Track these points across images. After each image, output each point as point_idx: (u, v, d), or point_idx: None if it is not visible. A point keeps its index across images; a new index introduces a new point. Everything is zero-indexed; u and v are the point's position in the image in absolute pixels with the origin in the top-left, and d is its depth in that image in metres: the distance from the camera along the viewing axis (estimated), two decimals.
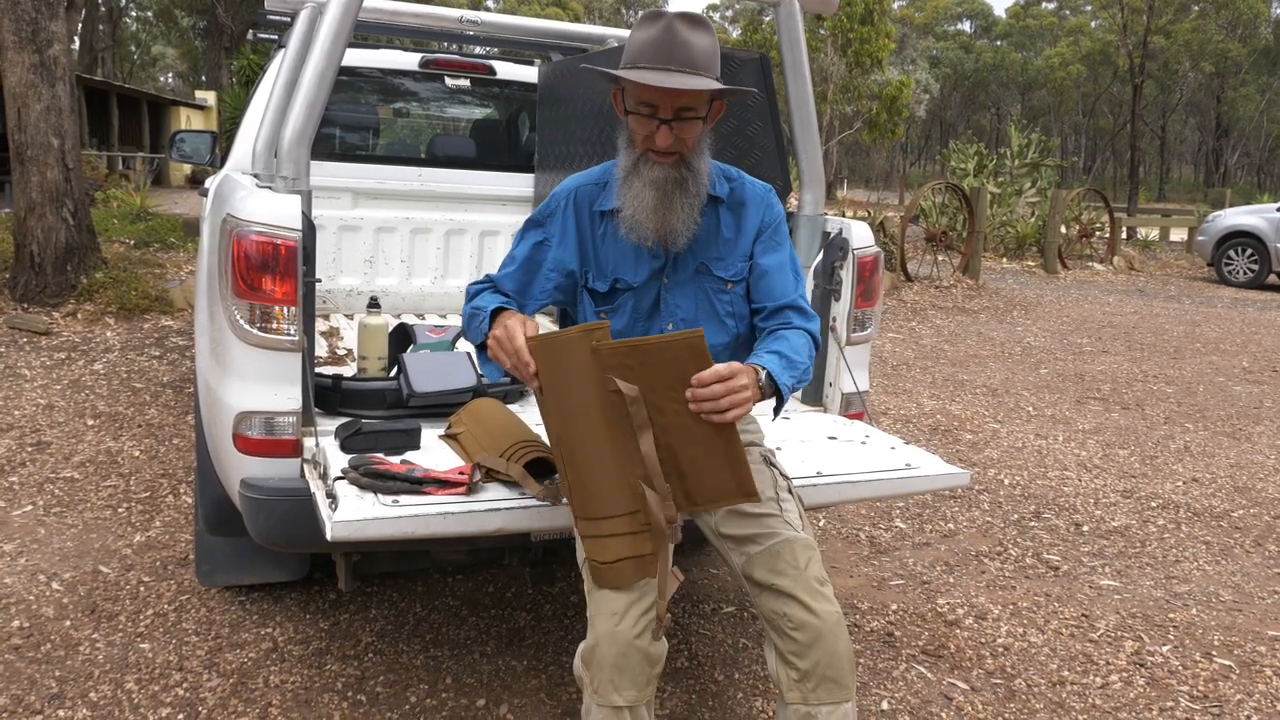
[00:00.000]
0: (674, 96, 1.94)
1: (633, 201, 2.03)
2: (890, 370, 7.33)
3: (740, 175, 2.21)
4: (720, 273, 2.16)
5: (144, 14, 42.63)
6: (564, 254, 2.17)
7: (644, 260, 2.14)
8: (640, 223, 2.04)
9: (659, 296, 2.16)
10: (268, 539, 2.36)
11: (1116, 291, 13.23)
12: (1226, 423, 6.19)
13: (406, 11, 4.00)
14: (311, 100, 2.43)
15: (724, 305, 2.17)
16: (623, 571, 1.85)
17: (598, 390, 1.80)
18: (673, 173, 2.01)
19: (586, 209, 2.17)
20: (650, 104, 1.96)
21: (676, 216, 2.03)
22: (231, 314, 2.33)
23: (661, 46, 1.92)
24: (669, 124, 1.95)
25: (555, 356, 1.84)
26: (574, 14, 46.20)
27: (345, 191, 4.26)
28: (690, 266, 2.15)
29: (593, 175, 2.21)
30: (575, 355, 1.81)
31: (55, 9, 7.12)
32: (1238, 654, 3.15)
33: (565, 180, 2.24)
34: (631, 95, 1.98)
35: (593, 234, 2.17)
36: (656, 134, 1.97)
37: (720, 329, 2.17)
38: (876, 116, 25.58)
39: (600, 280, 2.16)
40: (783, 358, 1.98)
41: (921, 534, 4.04)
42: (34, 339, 6.44)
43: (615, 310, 2.16)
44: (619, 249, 2.15)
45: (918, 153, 71.55)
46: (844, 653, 1.89)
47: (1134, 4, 40.55)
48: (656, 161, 2.00)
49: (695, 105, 1.97)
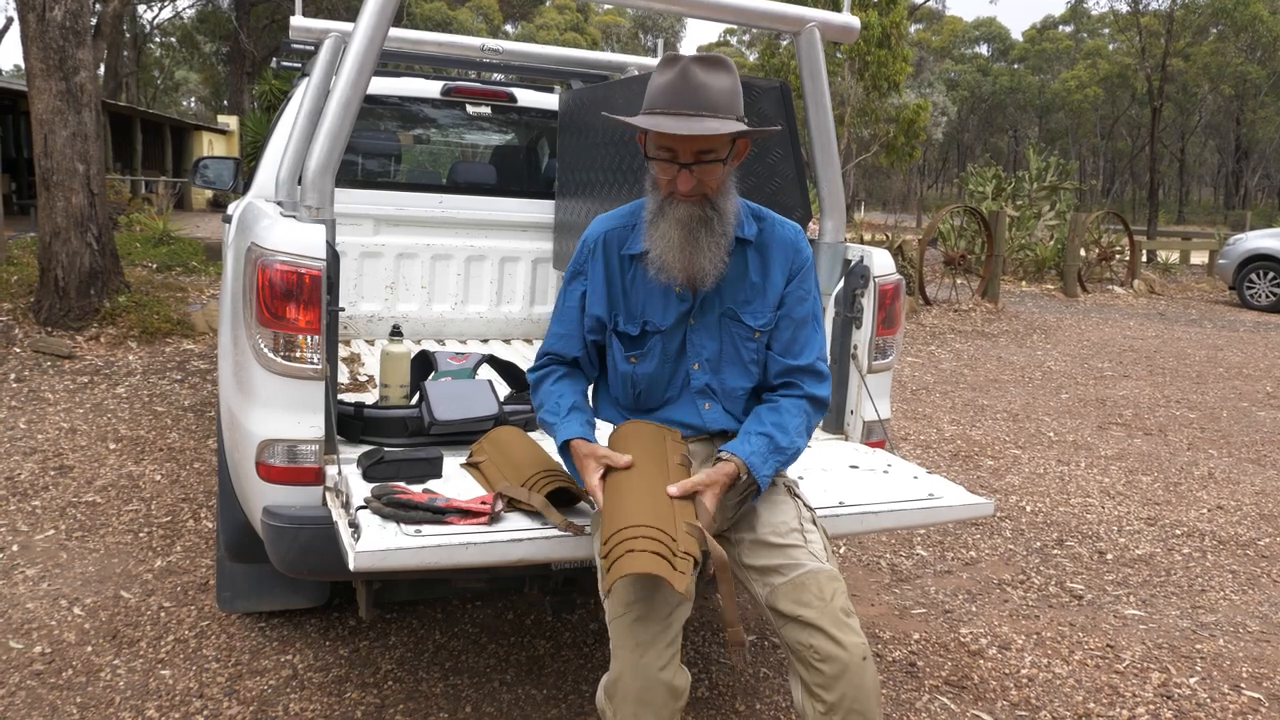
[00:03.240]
0: (691, 142, 1.94)
1: (659, 242, 2.04)
2: (910, 395, 7.30)
3: (770, 216, 2.20)
4: (750, 321, 2.16)
5: (168, 40, 43.17)
6: (594, 302, 2.19)
7: (672, 303, 2.15)
8: (668, 263, 2.04)
9: (685, 337, 2.16)
10: (290, 567, 2.36)
11: (1137, 315, 13.15)
12: (1251, 449, 6.12)
13: (429, 40, 4.04)
14: (336, 130, 2.45)
15: (749, 353, 2.17)
16: (647, 559, 1.77)
17: (658, 452, 2.01)
18: (698, 211, 2.01)
19: (616, 253, 2.18)
20: (669, 149, 1.96)
21: (704, 255, 2.03)
22: (255, 342, 2.34)
23: (678, 92, 1.93)
24: (689, 168, 1.96)
25: (629, 439, 2.07)
26: (592, 39, 46.53)
27: (367, 218, 4.29)
28: (717, 309, 2.15)
29: (621, 217, 2.22)
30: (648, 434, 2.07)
31: (82, 37, 7.22)
32: (1266, 686, 3.10)
33: (594, 223, 2.24)
34: (651, 141, 2.00)
35: (622, 278, 2.18)
36: (678, 178, 1.98)
37: (744, 374, 2.18)
38: (894, 139, 25.56)
39: (631, 324, 2.17)
40: (771, 442, 2.05)
41: (943, 561, 4.01)
42: (57, 362, 6.49)
43: (645, 355, 2.17)
44: (648, 292, 2.15)
45: (935, 175, 71.50)
46: (870, 686, 1.87)
47: (1152, 27, 40.51)
48: (682, 201, 2.01)
49: (715, 148, 1.97)
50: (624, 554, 1.78)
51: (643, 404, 2.22)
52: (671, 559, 1.78)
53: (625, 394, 2.23)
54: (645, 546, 1.78)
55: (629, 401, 2.24)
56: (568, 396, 2.18)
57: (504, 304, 4.56)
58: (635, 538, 1.80)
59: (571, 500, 2.23)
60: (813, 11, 2.95)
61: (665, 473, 1.98)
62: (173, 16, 39.54)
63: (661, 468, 1.99)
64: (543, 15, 50.59)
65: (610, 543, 1.83)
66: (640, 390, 2.20)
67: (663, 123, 1.92)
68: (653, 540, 1.79)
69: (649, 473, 1.97)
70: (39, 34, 7.02)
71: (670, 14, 2.65)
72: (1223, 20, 44.22)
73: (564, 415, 2.14)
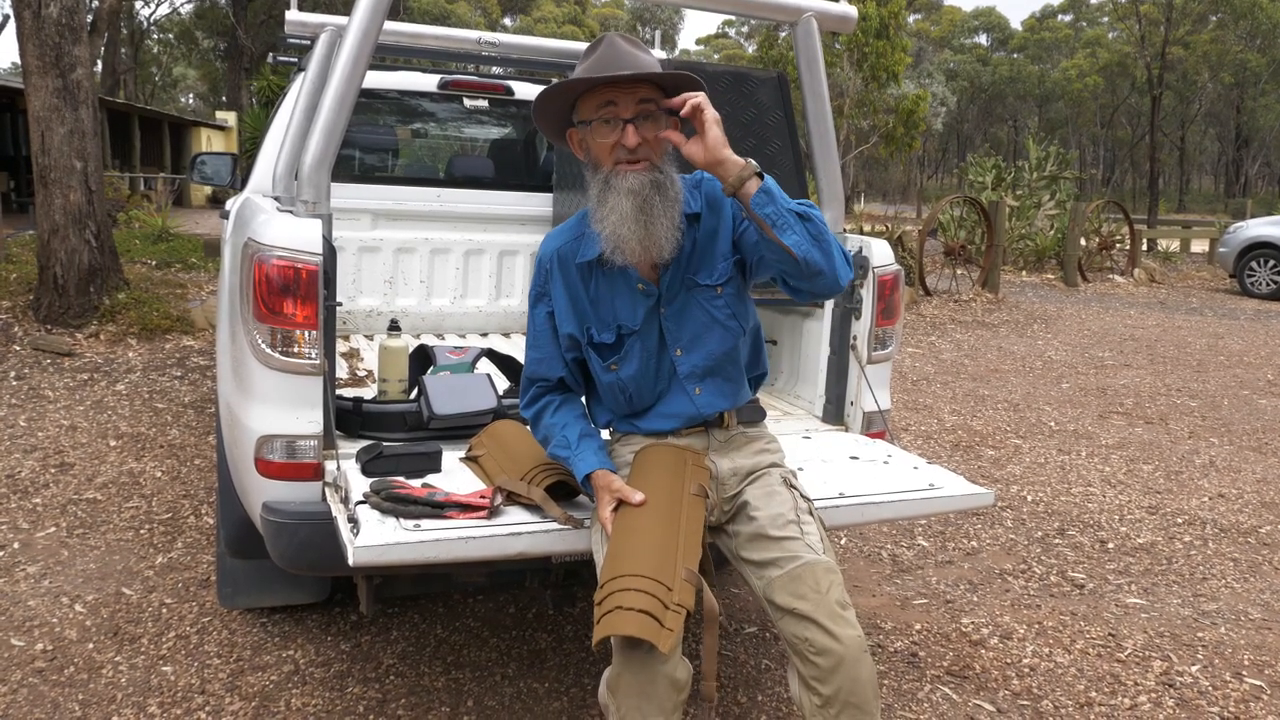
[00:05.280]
0: (632, 92, 1.96)
1: (610, 216, 2.00)
2: (910, 385, 7.30)
3: (703, 175, 2.15)
4: (706, 280, 2.13)
5: (165, 36, 43.14)
6: (564, 320, 2.18)
7: (639, 299, 2.13)
8: (622, 237, 1.99)
9: (660, 328, 2.15)
10: (290, 562, 2.36)
11: (1138, 304, 13.14)
12: (1252, 437, 6.12)
13: (426, 34, 4.03)
14: (332, 124, 2.44)
15: (720, 310, 2.14)
16: (635, 620, 1.78)
17: (676, 484, 2.02)
18: (647, 177, 1.99)
19: (572, 266, 2.17)
20: (609, 103, 1.97)
21: (658, 224, 1.99)
22: (253, 338, 2.34)
23: (606, 60, 1.97)
24: (633, 122, 1.96)
25: (650, 465, 2.09)
26: (590, 32, 46.42)
27: (364, 213, 4.29)
28: (681, 287, 2.13)
29: (568, 230, 2.20)
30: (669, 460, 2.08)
31: (79, 34, 7.20)
32: (1269, 674, 3.10)
33: (544, 242, 2.23)
34: (590, 108, 2.00)
35: (585, 289, 2.16)
36: (624, 135, 1.97)
37: (724, 334, 2.15)
38: (893, 130, 25.57)
39: (606, 332, 2.15)
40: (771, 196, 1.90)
41: (944, 552, 4.01)
42: (57, 360, 6.49)
43: (624, 358, 2.15)
44: (614, 295, 2.14)
45: (935, 166, 71.43)
46: (867, 678, 1.87)
47: (1151, 15, 40.44)
48: (629, 170, 1.99)
49: (652, 98, 1.98)
50: (614, 609, 1.79)
51: (636, 405, 2.20)
52: (661, 614, 1.79)
53: (616, 402, 2.22)
54: (636, 603, 1.78)
55: (622, 408, 2.23)
56: (573, 426, 2.19)
57: (503, 298, 4.55)
58: (628, 590, 1.80)
59: (571, 493, 2.23)
60: (810, 1, 2.93)
61: (679, 508, 1.98)
62: (170, 12, 39.53)
63: (675, 503, 1.99)
64: (540, 8, 50.54)
65: (605, 590, 1.84)
66: (630, 393, 2.18)
67: (600, 71, 1.95)
68: (645, 595, 1.79)
69: (661, 509, 1.97)
70: (35, 31, 7.00)
71: (668, 6, 2.64)
72: (1222, 8, 44.12)
73: (576, 448, 2.14)
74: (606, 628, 1.78)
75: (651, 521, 1.94)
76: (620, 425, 2.27)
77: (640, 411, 2.21)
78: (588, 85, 1.98)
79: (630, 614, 1.77)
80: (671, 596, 1.82)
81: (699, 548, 1.96)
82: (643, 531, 1.92)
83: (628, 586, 1.80)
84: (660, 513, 1.96)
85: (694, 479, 2.06)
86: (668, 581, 1.83)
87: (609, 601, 1.81)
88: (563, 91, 2.02)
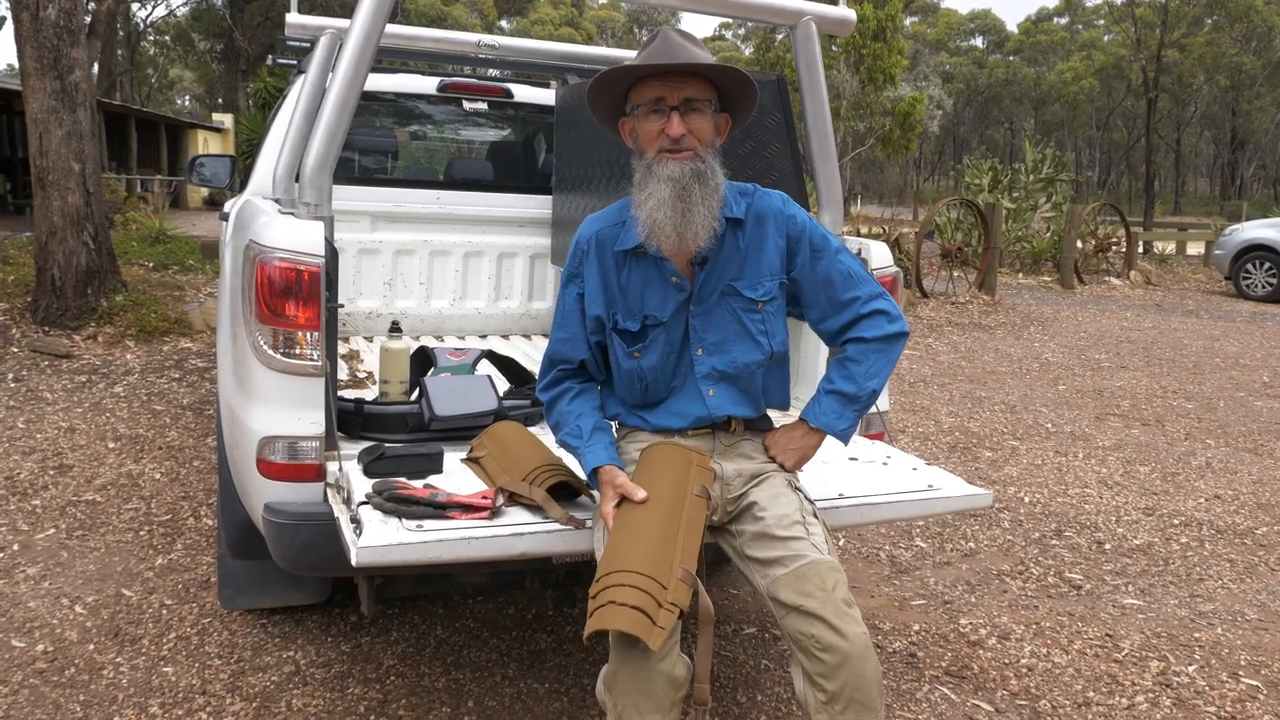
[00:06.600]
0: (681, 85, 2.02)
1: (649, 202, 2.04)
2: (908, 387, 7.31)
3: (755, 188, 2.22)
4: (749, 293, 2.17)
5: (161, 38, 43.11)
6: (593, 302, 2.21)
7: (670, 293, 2.16)
8: (658, 222, 2.03)
9: (687, 324, 2.18)
10: (291, 563, 2.37)
11: (1134, 306, 13.17)
12: (1248, 438, 6.14)
13: (425, 36, 4.04)
14: (333, 127, 2.45)
15: (755, 324, 2.18)
16: (627, 615, 1.78)
17: (679, 484, 2.03)
18: (689, 166, 2.03)
19: (609, 252, 2.19)
20: (659, 95, 2.03)
21: (696, 213, 2.03)
22: (255, 339, 2.34)
23: (658, 52, 2.04)
24: (678, 110, 2.01)
25: (655, 462, 2.10)
26: (587, 34, 46.48)
27: (364, 215, 4.29)
28: (716, 289, 2.16)
29: (611, 216, 2.24)
30: (675, 459, 2.09)
31: (76, 36, 7.20)
32: (1265, 674, 3.12)
33: (584, 224, 2.26)
34: (641, 95, 2.06)
35: (618, 276, 2.19)
36: (669, 124, 2.01)
37: (753, 347, 2.19)
38: (890, 133, 25.59)
39: (631, 319, 2.18)
40: (842, 398, 2.17)
41: (942, 553, 4.03)
42: (55, 362, 6.49)
43: (648, 347, 2.18)
44: (646, 285, 2.17)
45: (931, 168, 71.52)
46: (872, 675, 1.88)
47: (1147, 18, 40.53)
48: (672, 158, 2.03)
49: (701, 96, 2.05)
50: (606, 603, 1.80)
51: (650, 396, 2.22)
52: (654, 612, 1.79)
53: (631, 391, 2.24)
54: (629, 599, 1.79)
55: (636, 398, 2.24)
56: (587, 418, 2.20)
57: (502, 299, 4.56)
58: (622, 585, 1.81)
59: (572, 494, 2.24)
60: (808, 4, 2.94)
61: (680, 508, 1.99)
62: (167, 14, 39.50)
63: (678, 502, 2.00)
64: (537, 10, 50.56)
65: (600, 584, 1.85)
66: (647, 383, 2.20)
67: (652, 60, 2.01)
68: (639, 592, 1.80)
69: (663, 507, 1.98)
70: (33, 33, 7.00)
71: (665, 8, 2.66)
72: (1217, 11, 44.21)
73: (587, 439, 2.16)
74: (598, 621, 1.79)
75: (652, 519, 1.95)
76: (629, 419, 2.28)
77: (652, 404, 2.23)
78: (637, 74, 2.04)
79: (623, 609, 1.78)
80: (666, 595, 1.82)
81: (698, 549, 1.97)
82: (642, 529, 1.93)
83: (622, 582, 1.81)
84: (662, 511, 1.97)
85: (698, 480, 2.07)
86: (663, 579, 1.84)
87: (603, 595, 1.82)
88: (613, 80, 2.08)
